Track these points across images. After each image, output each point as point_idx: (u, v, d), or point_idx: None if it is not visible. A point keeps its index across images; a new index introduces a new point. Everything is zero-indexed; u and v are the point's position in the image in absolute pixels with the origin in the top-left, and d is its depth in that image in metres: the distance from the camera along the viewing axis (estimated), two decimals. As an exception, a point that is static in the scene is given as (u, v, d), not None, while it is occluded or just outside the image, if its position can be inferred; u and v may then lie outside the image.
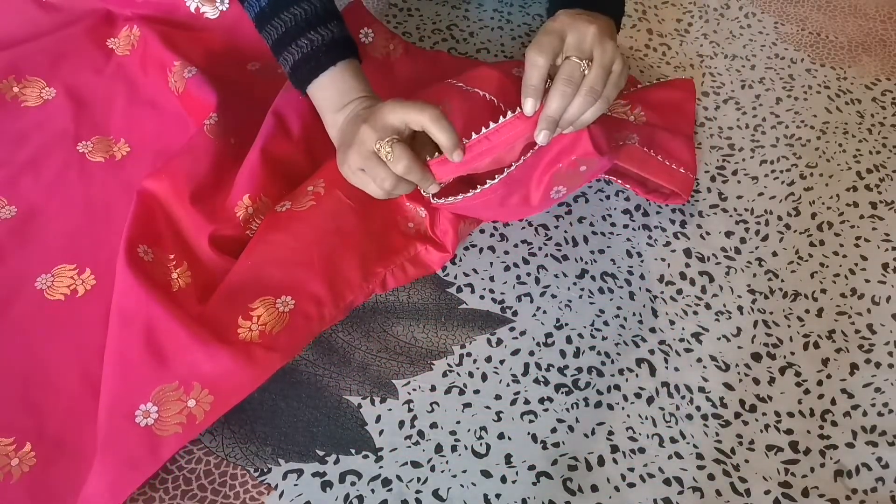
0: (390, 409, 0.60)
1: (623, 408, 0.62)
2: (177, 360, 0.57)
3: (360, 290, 0.65)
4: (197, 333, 0.58)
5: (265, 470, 0.57)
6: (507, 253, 0.71)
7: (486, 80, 0.71)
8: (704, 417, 0.61)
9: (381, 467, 0.57)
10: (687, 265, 0.71)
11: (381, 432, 0.59)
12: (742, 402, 0.62)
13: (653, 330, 0.66)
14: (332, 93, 0.64)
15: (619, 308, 0.67)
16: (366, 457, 0.58)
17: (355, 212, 0.66)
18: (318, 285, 0.63)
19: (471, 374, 0.63)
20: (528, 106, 0.57)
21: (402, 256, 0.67)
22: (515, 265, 0.70)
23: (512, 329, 0.66)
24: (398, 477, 0.57)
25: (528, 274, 0.69)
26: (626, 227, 0.74)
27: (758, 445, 0.60)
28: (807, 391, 0.63)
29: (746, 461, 0.59)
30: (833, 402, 0.63)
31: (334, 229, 0.66)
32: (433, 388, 0.61)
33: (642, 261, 0.71)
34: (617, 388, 0.63)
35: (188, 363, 0.57)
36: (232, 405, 0.57)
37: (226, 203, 0.67)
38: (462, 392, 0.62)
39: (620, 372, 0.64)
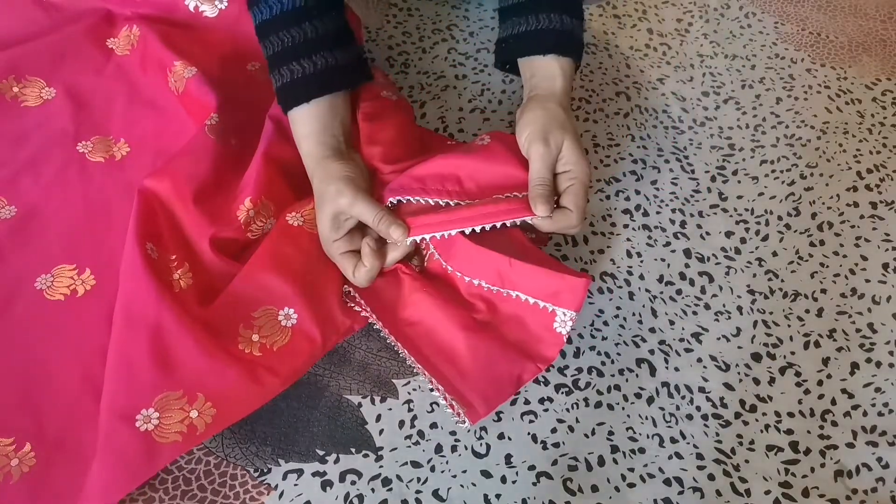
0: (390, 409, 0.60)
1: (623, 408, 0.62)
2: (184, 369, 0.57)
3: (357, 316, 0.64)
4: (205, 346, 0.58)
5: (265, 470, 0.57)
6: (507, 253, 0.71)
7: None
8: (704, 417, 0.61)
9: (381, 467, 0.57)
10: (687, 265, 0.71)
11: (381, 432, 0.59)
12: (742, 402, 0.62)
13: (653, 330, 0.66)
14: (300, 130, 0.66)
15: (618, 308, 0.67)
16: (366, 456, 0.58)
17: None
18: (323, 305, 0.63)
19: (471, 374, 0.63)
20: (541, 210, 0.61)
21: None
22: (515, 265, 0.70)
23: (512, 329, 0.66)
24: (398, 477, 0.57)
25: (528, 274, 0.69)
26: (626, 227, 0.74)
27: (758, 445, 0.60)
28: (807, 391, 0.63)
29: (747, 461, 0.59)
30: (833, 402, 0.63)
31: None
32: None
33: (642, 261, 0.71)
34: (617, 388, 0.63)
35: (195, 374, 0.57)
36: (234, 421, 0.57)
37: (227, 205, 0.67)
38: (462, 392, 0.62)
39: (620, 372, 0.64)
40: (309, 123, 0.65)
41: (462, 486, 0.57)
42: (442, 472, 0.57)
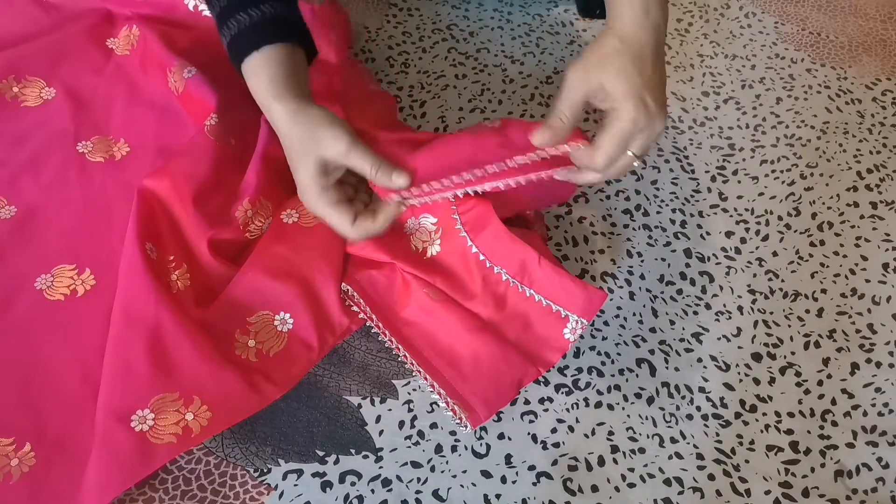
0: (390, 410, 0.60)
1: (623, 408, 0.62)
2: (181, 371, 0.57)
3: (354, 315, 0.65)
4: (202, 349, 0.58)
5: (265, 470, 0.57)
6: (507, 253, 0.71)
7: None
8: (705, 417, 0.61)
9: (381, 467, 0.57)
10: (687, 265, 0.71)
11: (381, 432, 0.59)
12: (742, 402, 0.62)
13: (653, 330, 0.66)
14: (260, 80, 0.58)
15: (619, 308, 0.67)
16: (366, 457, 0.58)
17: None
18: (320, 307, 0.63)
19: (471, 374, 0.63)
20: (538, 139, 0.56)
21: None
22: (515, 265, 0.70)
23: (512, 329, 0.66)
24: (398, 477, 0.57)
25: (528, 274, 0.69)
26: (626, 227, 0.74)
27: (758, 445, 0.60)
28: (807, 391, 0.63)
29: (747, 461, 0.59)
30: (833, 402, 0.63)
31: (338, 252, 0.65)
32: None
33: (642, 261, 0.71)
34: (617, 388, 0.63)
35: (192, 377, 0.57)
36: (229, 425, 0.57)
37: (227, 206, 0.67)
38: (462, 392, 0.62)
39: (620, 372, 0.64)
40: (273, 67, 0.58)
41: (462, 486, 0.57)
42: (442, 472, 0.57)
